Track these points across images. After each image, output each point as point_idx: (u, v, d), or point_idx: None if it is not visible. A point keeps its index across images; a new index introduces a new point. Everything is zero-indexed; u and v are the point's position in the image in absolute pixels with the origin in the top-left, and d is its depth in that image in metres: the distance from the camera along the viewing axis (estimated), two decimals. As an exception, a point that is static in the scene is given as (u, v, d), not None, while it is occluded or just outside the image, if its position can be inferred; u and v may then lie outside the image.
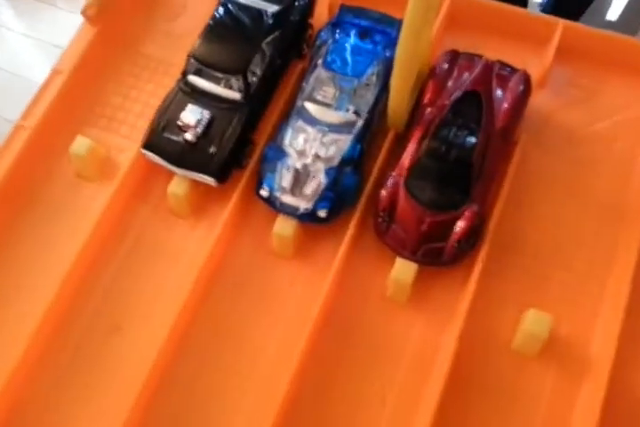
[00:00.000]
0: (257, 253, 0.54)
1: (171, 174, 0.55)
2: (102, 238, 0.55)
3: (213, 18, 0.56)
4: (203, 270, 0.52)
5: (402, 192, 0.51)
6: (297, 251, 0.54)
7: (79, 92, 0.61)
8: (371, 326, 0.51)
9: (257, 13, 0.56)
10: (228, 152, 0.54)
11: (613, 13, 1.06)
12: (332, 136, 0.52)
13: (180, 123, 0.54)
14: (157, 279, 0.54)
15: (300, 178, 0.52)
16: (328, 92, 0.54)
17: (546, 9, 1.45)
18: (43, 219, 0.57)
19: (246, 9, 0.56)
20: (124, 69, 0.63)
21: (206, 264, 0.52)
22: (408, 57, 0.47)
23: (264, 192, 0.52)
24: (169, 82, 0.59)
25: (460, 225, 0.49)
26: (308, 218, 0.52)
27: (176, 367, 0.51)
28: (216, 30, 0.55)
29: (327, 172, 0.51)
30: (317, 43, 0.57)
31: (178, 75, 0.59)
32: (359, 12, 0.57)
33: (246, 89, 0.54)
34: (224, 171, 0.54)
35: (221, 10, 0.56)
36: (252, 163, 0.56)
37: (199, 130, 0.54)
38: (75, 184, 0.59)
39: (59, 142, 0.60)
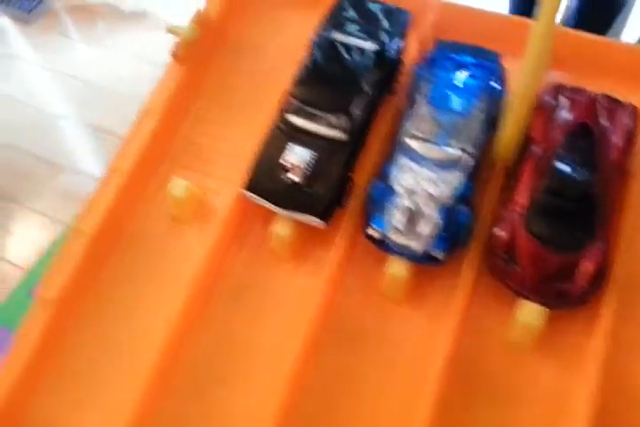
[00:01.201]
0: (367, 296, 0.52)
1: (269, 215, 0.54)
2: (202, 283, 0.54)
3: (311, 56, 0.55)
4: (311, 315, 0.50)
5: (521, 231, 0.49)
6: (409, 293, 0.51)
7: (170, 132, 0.61)
8: (491, 372, 0.49)
9: (357, 51, 0.55)
10: (334, 192, 0.52)
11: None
12: (441, 174, 0.51)
13: (283, 162, 0.53)
14: (262, 325, 0.52)
15: (412, 218, 0.50)
16: (431, 129, 0.53)
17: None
18: (141, 263, 0.56)
19: (346, 47, 0.55)
20: (212, 109, 0.63)
21: (315, 309, 0.50)
22: (528, 93, 0.46)
23: (374, 233, 0.51)
24: (259, 120, 0.59)
25: (586, 264, 0.47)
26: (422, 259, 0.50)
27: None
28: (316, 68, 0.55)
29: (441, 211, 0.50)
30: (415, 79, 0.56)
31: (267, 113, 0.58)
32: (456, 46, 0.56)
33: (350, 127, 0.53)
34: (330, 211, 0.53)
35: (319, 48, 0.55)
36: (350, 201, 0.54)
37: (304, 170, 0.52)
38: (171, 227, 0.57)
39: (152, 184, 0.59)
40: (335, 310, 0.52)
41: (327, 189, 0.52)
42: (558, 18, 1.36)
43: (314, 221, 0.52)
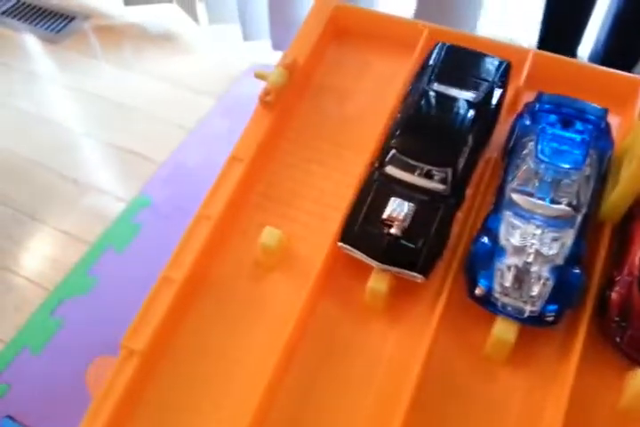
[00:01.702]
0: (467, 355, 0.51)
1: (361, 267, 0.53)
2: (290, 334, 0.52)
3: (410, 106, 0.54)
4: (411, 372, 0.48)
5: (635, 293, 0.47)
6: (513, 354, 0.50)
7: (255, 178, 0.60)
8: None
9: (458, 102, 0.54)
10: (434, 245, 0.51)
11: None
12: (552, 232, 0.49)
13: (384, 216, 0.51)
14: (355, 381, 0.51)
15: (522, 277, 0.48)
16: (538, 184, 0.51)
17: (594, 61, 1.46)
18: (227, 312, 0.54)
19: (446, 97, 0.54)
20: (296, 154, 0.61)
21: (414, 366, 0.49)
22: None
23: (480, 291, 0.49)
24: (343, 166, 0.59)
25: None
26: (533, 321, 0.48)
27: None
28: (416, 119, 0.54)
29: (553, 271, 0.48)
30: (517, 131, 0.55)
31: (353, 159, 0.58)
32: (560, 99, 0.55)
33: (452, 180, 0.52)
34: (429, 265, 0.51)
35: (418, 98, 0.54)
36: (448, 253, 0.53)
37: (403, 223, 0.51)
38: (258, 275, 0.56)
39: (236, 230, 0.58)
40: (434, 368, 0.50)
41: (428, 244, 0.51)
42: (587, 51, 1.36)
43: (413, 275, 0.51)
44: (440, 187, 0.52)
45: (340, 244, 0.52)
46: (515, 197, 0.51)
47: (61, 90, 1.91)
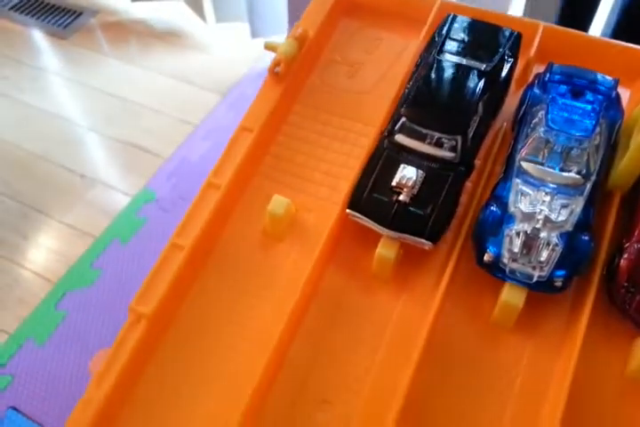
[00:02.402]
0: (473, 321, 0.51)
1: (369, 235, 0.52)
2: (297, 301, 0.52)
3: (422, 76, 0.54)
4: (417, 341, 0.48)
5: (646, 260, 0.47)
6: (522, 323, 0.50)
7: (265, 149, 0.60)
8: (605, 408, 0.47)
9: (470, 72, 0.54)
10: (443, 212, 0.51)
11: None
12: (562, 199, 0.49)
13: (393, 183, 0.51)
14: (365, 349, 0.51)
15: (531, 243, 0.48)
16: (548, 153, 0.51)
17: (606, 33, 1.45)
18: (234, 279, 0.54)
19: (456, 67, 0.54)
20: (306, 127, 0.61)
21: (420, 334, 0.48)
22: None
23: (488, 258, 0.49)
24: (353, 138, 0.58)
25: None
26: (541, 287, 0.48)
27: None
28: (428, 89, 0.54)
29: (561, 237, 0.48)
30: (528, 100, 0.55)
31: (362, 131, 0.57)
32: (570, 69, 0.55)
33: (462, 149, 0.52)
34: (438, 232, 0.51)
35: (430, 68, 0.54)
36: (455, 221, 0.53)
37: (414, 191, 0.51)
38: (266, 244, 0.56)
39: (245, 199, 0.58)
40: (442, 335, 0.50)
41: (437, 211, 0.51)
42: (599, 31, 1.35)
43: (421, 242, 0.51)
44: (450, 155, 0.52)
45: (348, 210, 0.52)
46: (524, 165, 0.51)
47: (68, 84, 1.92)
